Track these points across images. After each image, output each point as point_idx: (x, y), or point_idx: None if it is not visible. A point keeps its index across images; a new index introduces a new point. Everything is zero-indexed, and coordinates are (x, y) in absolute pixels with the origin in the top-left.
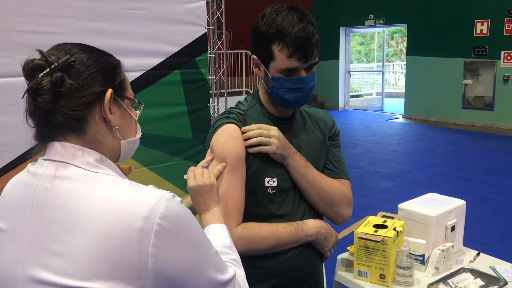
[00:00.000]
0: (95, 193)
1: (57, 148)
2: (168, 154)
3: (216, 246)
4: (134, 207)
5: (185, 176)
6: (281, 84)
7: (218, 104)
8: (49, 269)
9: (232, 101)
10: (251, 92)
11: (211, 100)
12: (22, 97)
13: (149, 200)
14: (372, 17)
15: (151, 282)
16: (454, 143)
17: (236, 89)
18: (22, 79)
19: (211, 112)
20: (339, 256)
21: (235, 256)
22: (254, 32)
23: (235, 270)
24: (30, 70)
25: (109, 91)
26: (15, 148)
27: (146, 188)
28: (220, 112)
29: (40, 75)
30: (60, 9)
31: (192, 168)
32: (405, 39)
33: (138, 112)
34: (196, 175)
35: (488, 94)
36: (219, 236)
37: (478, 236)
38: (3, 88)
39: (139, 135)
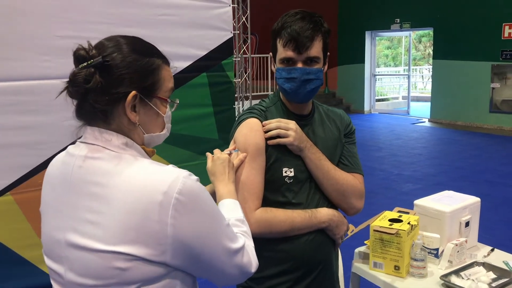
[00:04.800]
0: (122, 171)
1: (89, 133)
2: (195, 153)
3: (229, 219)
4: (155, 183)
5: (207, 153)
6: (280, 74)
7: (243, 106)
8: (84, 235)
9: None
10: None
11: (236, 102)
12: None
13: (168, 177)
14: (398, 21)
15: (170, 248)
16: (480, 147)
17: (262, 93)
18: (61, 81)
19: (236, 113)
20: (357, 250)
21: (246, 228)
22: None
23: (245, 241)
24: (75, 58)
25: (131, 93)
26: (52, 145)
27: (165, 167)
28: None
29: (80, 66)
30: (95, 16)
31: (215, 151)
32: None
33: (168, 109)
34: (216, 152)
35: None
36: (232, 210)
37: (498, 237)
38: (42, 90)
39: (165, 131)
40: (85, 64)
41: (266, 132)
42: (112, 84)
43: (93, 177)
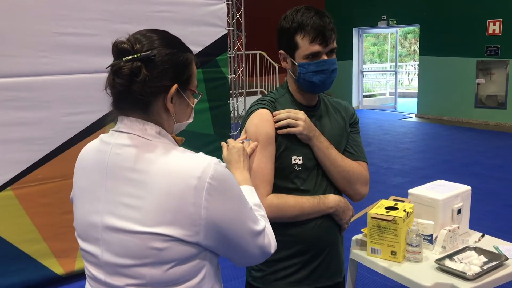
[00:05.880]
0: (158, 158)
1: (126, 122)
2: (192, 148)
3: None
4: (189, 169)
5: (222, 143)
6: (307, 69)
7: (237, 102)
8: (122, 218)
9: (249, 100)
10: (266, 92)
11: (230, 98)
12: (106, 68)
13: (201, 163)
14: (385, 18)
15: (203, 229)
16: (466, 141)
17: (251, 89)
18: (59, 77)
19: (231, 109)
20: (354, 237)
21: (263, 212)
22: (279, 31)
23: (265, 223)
24: (118, 51)
25: (174, 86)
26: (51, 141)
27: (197, 154)
28: (239, 110)
29: (124, 59)
30: (93, 13)
31: (229, 140)
32: (418, 39)
33: (196, 100)
34: (230, 142)
35: (500, 93)
36: (250, 196)
37: (487, 228)
38: (41, 86)
39: (191, 119)
40: (130, 57)
41: (276, 122)
42: (157, 77)
43: (130, 163)
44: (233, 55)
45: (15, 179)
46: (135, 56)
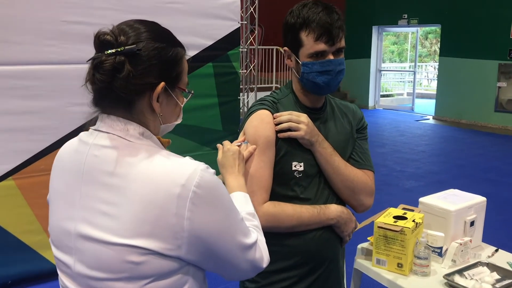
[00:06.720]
0: (139, 162)
1: (106, 121)
2: (198, 144)
3: (241, 213)
4: (173, 176)
5: (218, 145)
6: (311, 68)
7: (248, 98)
8: (97, 226)
9: (261, 96)
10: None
11: (241, 94)
12: (87, 61)
13: (186, 170)
14: (406, 17)
15: (186, 242)
16: (484, 146)
17: (266, 85)
18: (66, 66)
19: (241, 105)
20: (359, 246)
21: (257, 222)
22: (284, 26)
23: (257, 235)
24: (100, 43)
25: (161, 84)
26: (56, 131)
27: (183, 159)
28: (249, 106)
29: (106, 53)
30: (102, 2)
31: (224, 142)
32: (439, 40)
33: (185, 99)
34: (226, 144)
35: None
36: (243, 204)
37: (501, 237)
38: (47, 75)
39: (179, 120)
40: (113, 51)
41: (277, 124)
42: (142, 74)
43: (108, 167)
44: (245, 49)
45: (18, 168)
46: (119, 49)
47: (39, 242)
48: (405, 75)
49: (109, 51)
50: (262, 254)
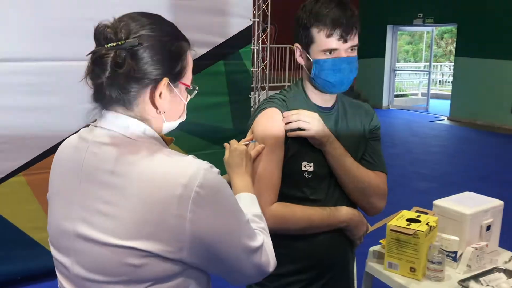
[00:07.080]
0: (140, 160)
1: (106, 117)
2: (209, 142)
3: (247, 214)
4: (175, 175)
5: (225, 144)
6: (322, 66)
7: (259, 96)
8: (95, 227)
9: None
10: None
11: (252, 92)
12: (87, 55)
13: (189, 169)
14: (421, 16)
15: (188, 244)
16: (500, 147)
17: (278, 84)
18: (77, 63)
19: (252, 103)
20: (371, 248)
21: (264, 225)
22: (295, 21)
23: (264, 238)
24: (100, 36)
25: (164, 80)
26: (66, 127)
27: (186, 157)
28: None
29: (106, 46)
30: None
31: (232, 141)
32: (455, 40)
33: (189, 96)
34: (233, 143)
35: None
36: (250, 205)
37: None
38: (56, 71)
39: (183, 118)
40: (113, 44)
41: (286, 123)
42: (145, 69)
43: (108, 165)
44: (257, 47)
45: (28, 165)
46: (119, 43)
47: (47, 238)
48: (420, 75)
49: (109, 44)
50: (269, 258)
